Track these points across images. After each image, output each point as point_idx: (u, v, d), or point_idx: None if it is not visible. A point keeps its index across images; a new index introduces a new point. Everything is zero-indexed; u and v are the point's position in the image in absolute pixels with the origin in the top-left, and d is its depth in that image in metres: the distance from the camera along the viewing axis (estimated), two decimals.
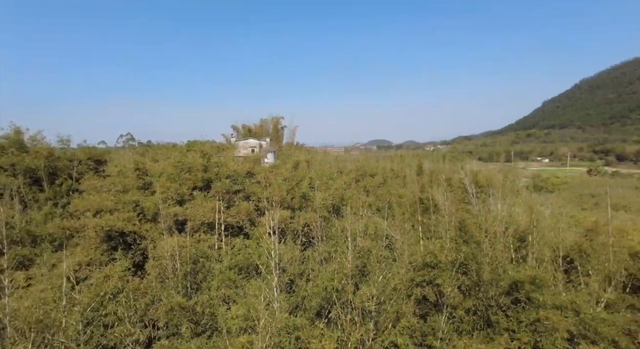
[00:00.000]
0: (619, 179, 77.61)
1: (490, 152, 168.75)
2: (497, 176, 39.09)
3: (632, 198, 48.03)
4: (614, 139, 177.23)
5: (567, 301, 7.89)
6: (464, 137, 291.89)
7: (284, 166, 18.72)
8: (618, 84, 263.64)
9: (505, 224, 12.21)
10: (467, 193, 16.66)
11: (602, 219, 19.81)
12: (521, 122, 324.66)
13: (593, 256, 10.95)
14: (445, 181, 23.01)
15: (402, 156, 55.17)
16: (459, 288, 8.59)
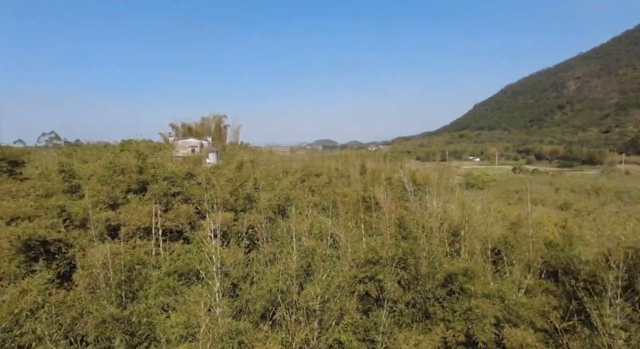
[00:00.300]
0: (538, 176, 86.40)
1: (427, 152, 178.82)
2: (433, 174, 41.42)
3: (548, 193, 53.52)
4: (533, 140, 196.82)
5: (495, 289, 8.60)
6: (403, 137, 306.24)
7: (227, 166, 18.24)
8: (536, 90, 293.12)
9: (440, 220, 12.96)
10: (406, 191, 17.46)
11: (524, 212, 21.83)
12: (455, 123, 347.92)
13: (516, 247, 11.95)
14: (386, 179, 23.95)
15: (347, 155, 56.40)
16: (398, 282, 8.98)
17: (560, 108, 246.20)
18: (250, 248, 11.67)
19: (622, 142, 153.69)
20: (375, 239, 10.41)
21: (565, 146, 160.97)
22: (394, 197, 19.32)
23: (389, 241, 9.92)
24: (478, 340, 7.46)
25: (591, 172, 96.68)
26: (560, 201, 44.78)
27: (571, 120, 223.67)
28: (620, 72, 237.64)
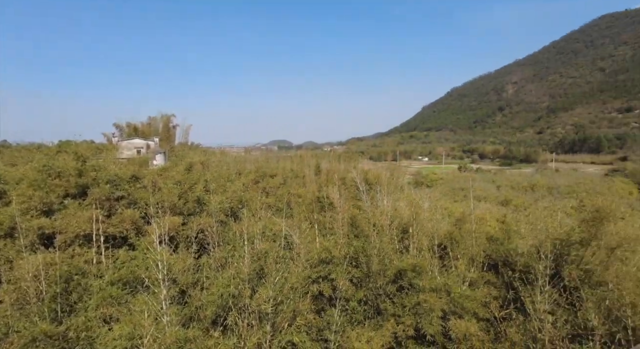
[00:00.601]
0: (481, 174, 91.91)
1: (380, 152, 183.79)
2: (385, 173, 42.51)
3: (490, 190, 57.04)
4: (477, 140, 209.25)
5: (441, 283, 9.04)
6: (357, 138, 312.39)
7: (176, 168, 17.51)
8: (478, 93, 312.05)
9: (391, 218, 13.36)
10: (359, 191, 17.82)
11: (468, 209, 23.10)
12: (405, 124, 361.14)
13: (461, 242, 12.60)
14: (340, 179, 24.29)
15: (302, 156, 56.38)
16: (351, 280, 9.15)
17: (500, 110, 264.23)
18: (200, 253, 11.29)
19: (552, 142, 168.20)
20: (329, 239, 10.52)
21: (505, 146, 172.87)
22: (348, 197, 19.64)
23: (342, 240, 10.07)
24: (426, 333, 7.80)
25: (527, 170, 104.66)
26: (501, 198, 47.88)
27: (510, 121, 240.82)
28: (550, 79, 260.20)
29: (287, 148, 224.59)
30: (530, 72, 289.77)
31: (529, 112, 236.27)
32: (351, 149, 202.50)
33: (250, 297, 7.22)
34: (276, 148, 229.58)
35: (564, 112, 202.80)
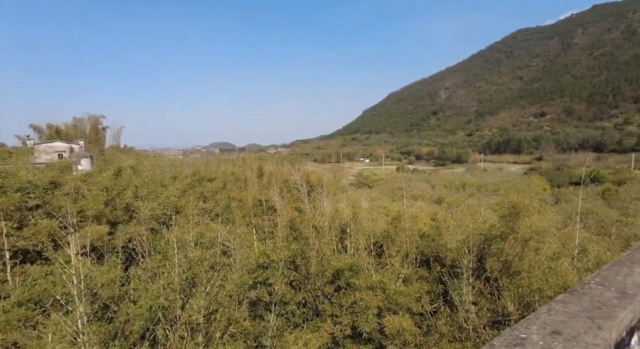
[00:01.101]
0: (417, 174, 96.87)
1: (324, 154, 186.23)
2: (327, 175, 43.07)
3: (426, 189, 60.19)
4: (413, 142, 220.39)
5: (377, 281, 9.31)
6: (301, 140, 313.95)
7: (103, 173, 16.20)
8: (414, 98, 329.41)
9: (330, 219, 13.52)
10: (300, 193, 17.83)
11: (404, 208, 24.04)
12: (347, 127, 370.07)
13: (396, 240, 13.07)
14: (283, 182, 24.19)
15: (244, 158, 55.18)
16: (290, 283, 9.10)
17: (434, 114, 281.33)
18: (128, 264, 10.53)
19: (481, 144, 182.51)
20: (267, 243, 10.37)
21: (439, 148, 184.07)
22: (290, 200, 19.58)
23: (281, 244, 9.98)
24: (363, 331, 7.98)
25: (459, 170, 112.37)
26: (435, 196, 50.75)
27: (443, 124, 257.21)
28: (478, 85, 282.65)
29: (229, 151, 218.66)
30: (461, 78, 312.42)
31: (460, 116, 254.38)
32: (296, 151, 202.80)
33: (181, 308, 6.86)
34: (217, 151, 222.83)
35: (490, 116, 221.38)
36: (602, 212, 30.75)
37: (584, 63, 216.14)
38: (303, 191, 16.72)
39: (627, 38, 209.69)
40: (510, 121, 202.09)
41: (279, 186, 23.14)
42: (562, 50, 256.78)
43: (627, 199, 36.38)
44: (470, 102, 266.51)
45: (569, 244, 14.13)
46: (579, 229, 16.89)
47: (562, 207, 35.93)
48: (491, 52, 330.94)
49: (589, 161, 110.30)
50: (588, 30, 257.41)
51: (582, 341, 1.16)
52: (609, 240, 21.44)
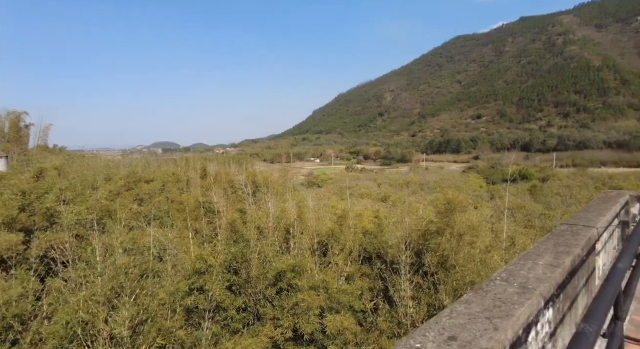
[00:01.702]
0: (365, 173, 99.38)
1: (274, 154, 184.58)
2: (276, 175, 42.42)
3: (372, 188, 61.77)
4: (362, 142, 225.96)
5: (320, 280, 9.24)
6: (251, 140, 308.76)
7: (20, 176, 14.58)
8: (362, 99, 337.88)
9: (276, 220, 13.26)
10: (247, 194, 17.35)
11: (351, 206, 24.31)
12: (297, 127, 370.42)
13: (341, 238, 13.11)
14: (228, 182, 23.47)
15: (188, 158, 52.94)
16: (229, 288, 8.73)
17: (380, 115, 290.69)
18: (47, 275, 9.51)
19: (423, 144, 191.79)
20: (206, 246, 9.90)
21: (385, 148, 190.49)
22: (235, 201, 18.99)
23: (220, 248, 9.57)
24: (304, 333, 7.85)
25: (403, 169, 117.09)
26: (381, 194, 52.28)
27: (389, 125, 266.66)
28: (420, 88, 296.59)
29: (173, 151, 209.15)
30: (404, 81, 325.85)
31: (404, 118, 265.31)
32: (245, 151, 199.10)
33: (105, 321, 6.26)
34: (160, 151, 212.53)
35: (432, 118, 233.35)
36: (529, 206, 33.53)
37: (514, 70, 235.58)
38: (248, 191, 16.28)
39: (548, 49, 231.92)
40: (450, 122, 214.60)
41: (223, 187, 22.50)
42: (496, 56, 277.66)
43: (550, 194, 40.09)
44: (414, 104, 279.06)
45: (500, 237, 15.14)
46: (507, 223, 18.15)
47: (496, 203, 38.67)
48: (433, 56, 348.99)
49: (519, 160, 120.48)
50: (516, 40, 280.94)
51: (477, 345, 1.08)
52: (534, 232, 23.39)
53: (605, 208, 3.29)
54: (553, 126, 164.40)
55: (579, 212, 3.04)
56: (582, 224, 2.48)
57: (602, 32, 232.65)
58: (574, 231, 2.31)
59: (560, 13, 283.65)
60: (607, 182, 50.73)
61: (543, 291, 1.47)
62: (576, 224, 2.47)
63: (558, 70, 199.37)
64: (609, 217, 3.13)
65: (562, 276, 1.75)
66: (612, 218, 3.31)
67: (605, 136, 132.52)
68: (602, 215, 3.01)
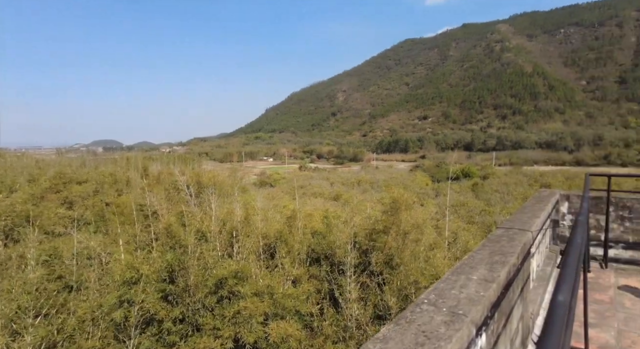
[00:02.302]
0: (318, 172, 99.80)
1: (224, 153, 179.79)
2: (225, 175, 41.06)
3: (325, 187, 62.06)
4: (315, 141, 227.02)
5: (264, 286, 8.83)
6: (200, 138, 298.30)
7: None
8: (315, 99, 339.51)
9: (221, 222, 12.63)
10: (191, 195, 16.44)
11: (302, 205, 24.01)
12: (250, 126, 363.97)
13: (289, 240, 12.75)
14: (171, 183, 22.14)
15: (129, 158, 49.75)
16: (166, 298, 8.06)
17: (333, 115, 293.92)
18: None
19: (374, 144, 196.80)
20: (139, 253, 9.09)
21: (338, 147, 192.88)
22: (178, 202, 17.95)
23: (155, 254, 8.83)
24: (246, 342, 7.42)
25: (355, 168, 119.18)
26: (334, 193, 52.63)
27: (341, 125, 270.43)
28: (371, 89, 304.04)
29: (114, 149, 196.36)
30: (356, 82, 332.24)
31: (356, 118, 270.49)
32: (193, 150, 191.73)
33: (6, 346, 5.41)
34: (101, 150, 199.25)
35: (382, 118, 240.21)
36: (471, 203, 35.37)
37: (457, 73, 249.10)
38: (190, 192, 15.41)
39: (487, 55, 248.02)
40: (399, 123, 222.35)
41: (165, 188, 21.29)
42: (441, 60, 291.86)
43: (490, 191, 42.63)
44: (365, 105, 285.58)
45: (444, 234, 15.61)
46: (449, 221, 18.81)
47: (440, 200, 40.36)
48: (382, 59, 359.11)
49: (462, 159, 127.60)
50: (459, 45, 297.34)
51: None
52: (476, 227, 24.61)
53: (539, 209, 3.29)
54: (492, 127, 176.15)
55: (515, 214, 2.99)
56: (518, 227, 2.39)
57: (532, 41, 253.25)
58: (510, 235, 2.21)
59: (498, 22, 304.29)
60: (538, 180, 55.11)
61: (475, 317, 1.26)
62: (512, 227, 2.38)
63: (496, 75, 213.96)
64: (543, 217, 3.12)
65: (497, 292, 1.58)
66: (545, 218, 3.33)
67: (536, 137, 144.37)
68: (536, 216, 2.98)
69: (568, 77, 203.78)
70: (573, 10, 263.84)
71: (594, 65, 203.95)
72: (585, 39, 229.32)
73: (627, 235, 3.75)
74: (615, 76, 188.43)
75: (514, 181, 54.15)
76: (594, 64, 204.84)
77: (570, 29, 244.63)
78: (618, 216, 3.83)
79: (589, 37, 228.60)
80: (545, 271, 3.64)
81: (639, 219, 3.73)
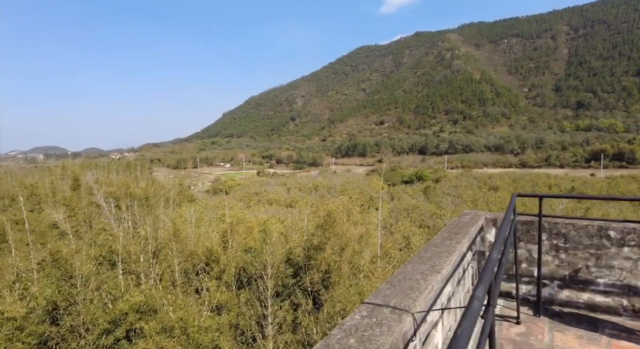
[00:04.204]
0: (276, 178, 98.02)
1: (178, 159, 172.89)
2: (171, 183, 38.78)
3: (282, 193, 60.70)
4: (274, 146, 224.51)
5: (176, 319, 7.55)
6: (153, 144, 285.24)
7: None
8: (274, 103, 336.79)
9: (144, 241, 11.13)
10: (110, 211, 14.66)
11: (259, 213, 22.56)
12: (206, 130, 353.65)
13: (221, 258, 11.49)
14: (106, 194, 19.92)
15: (66, 166, 45.72)
16: (45, 344, 6.57)
17: (292, 120, 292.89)
18: None
19: (333, 148, 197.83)
20: (17, 287, 7.48)
21: (297, 152, 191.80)
22: (99, 217, 16.08)
23: (36, 289, 7.27)
24: None
25: (314, 172, 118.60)
26: (289, 200, 51.43)
27: (300, 130, 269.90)
28: (329, 94, 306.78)
29: (58, 157, 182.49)
30: (314, 87, 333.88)
31: (315, 123, 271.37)
32: (145, 156, 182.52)
33: None
34: (42, 157, 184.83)
35: (340, 123, 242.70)
36: (423, 207, 35.59)
37: (411, 80, 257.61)
38: (110, 208, 13.71)
39: (439, 62, 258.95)
40: (357, 127, 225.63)
41: (92, 201, 19.23)
42: (395, 67, 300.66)
43: (441, 195, 43.43)
44: (323, 110, 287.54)
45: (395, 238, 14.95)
46: (402, 224, 18.14)
47: (394, 204, 40.44)
48: (339, 65, 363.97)
49: (417, 162, 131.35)
50: (413, 53, 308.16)
51: None
52: (427, 231, 24.44)
53: (455, 243, 2.46)
54: (445, 131, 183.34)
55: (410, 263, 2.07)
56: (394, 304, 1.45)
57: (480, 50, 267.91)
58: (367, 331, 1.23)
59: (448, 31, 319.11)
60: (487, 182, 57.25)
61: None
62: (386, 304, 1.41)
63: (447, 82, 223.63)
64: (456, 257, 2.29)
65: None
66: (461, 255, 2.51)
67: (485, 140, 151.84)
68: (446, 258, 2.13)
69: (512, 84, 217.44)
70: (514, 22, 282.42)
71: (534, 73, 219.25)
72: (526, 49, 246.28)
73: (563, 270, 3.04)
74: (552, 84, 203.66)
75: (464, 183, 55.82)
76: (533, 72, 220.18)
77: (513, 39, 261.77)
78: (552, 246, 3.12)
79: (528, 47, 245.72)
80: None
81: (576, 249, 3.03)
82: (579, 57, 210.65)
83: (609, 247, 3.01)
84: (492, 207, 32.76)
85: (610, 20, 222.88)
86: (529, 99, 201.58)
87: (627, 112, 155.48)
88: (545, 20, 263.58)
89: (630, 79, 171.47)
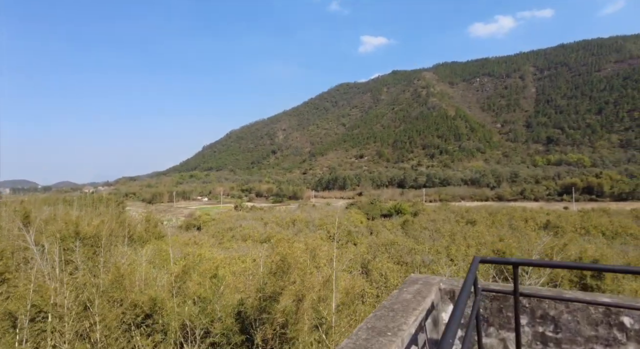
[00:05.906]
0: (253, 212, 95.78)
1: (154, 192, 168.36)
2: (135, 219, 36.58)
3: (258, 228, 58.73)
4: (254, 179, 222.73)
5: None
6: (129, 177, 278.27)
7: None
8: (255, 137, 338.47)
9: (74, 291, 9.58)
10: (36, 256, 12.96)
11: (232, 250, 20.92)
12: (185, 164, 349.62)
13: (166, 310, 10.06)
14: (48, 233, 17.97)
15: (25, 201, 42.98)
16: None
17: (273, 153, 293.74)
18: None
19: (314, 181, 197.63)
20: None
21: (277, 185, 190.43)
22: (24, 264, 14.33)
23: None
24: None
25: (293, 206, 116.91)
26: (265, 235, 49.53)
27: (281, 163, 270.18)
28: (310, 128, 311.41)
29: (27, 191, 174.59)
30: (295, 121, 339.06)
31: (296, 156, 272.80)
32: (120, 190, 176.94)
33: None
34: (8, 191, 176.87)
35: (321, 157, 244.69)
36: (401, 242, 34.57)
37: (389, 116, 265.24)
38: (35, 248, 12.14)
39: (415, 99, 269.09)
40: (337, 161, 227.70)
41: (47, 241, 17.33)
42: (374, 103, 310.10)
43: (419, 229, 42.73)
44: (304, 143, 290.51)
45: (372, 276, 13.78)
46: (380, 260, 17.02)
47: (372, 239, 39.17)
48: (320, 100, 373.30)
49: (396, 195, 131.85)
50: (390, 90, 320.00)
51: None
52: (405, 268, 23.28)
53: (391, 335, 1.54)
54: (422, 165, 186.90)
55: None
56: None
57: (453, 88, 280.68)
58: None
59: (423, 70, 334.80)
60: (464, 216, 57.18)
61: None
62: None
63: (424, 118, 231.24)
64: None
65: None
66: None
67: (462, 174, 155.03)
68: None
69: (485, 120, 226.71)
70: (485, 62, 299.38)
71: (506, 110, 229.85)
72: (497, 87, 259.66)
73: None
74: (523, 121, 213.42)
75: (442, 217, 55.52)
76: (505, 109, 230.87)
77: (484, 78, 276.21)
78: (537, 335, 2.11)
79: (499, 86, 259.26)
80: None
81: (573, 343, 2.07)
82: (545, 95, 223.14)
83: (623, 343, 2.08)
84: (470, 242, 32.03)
85: (570, 63, 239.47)
86: (502, 134, 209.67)
87: (593, 147, 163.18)
88: (514, 61, 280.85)
89: (593, 117, 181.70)
